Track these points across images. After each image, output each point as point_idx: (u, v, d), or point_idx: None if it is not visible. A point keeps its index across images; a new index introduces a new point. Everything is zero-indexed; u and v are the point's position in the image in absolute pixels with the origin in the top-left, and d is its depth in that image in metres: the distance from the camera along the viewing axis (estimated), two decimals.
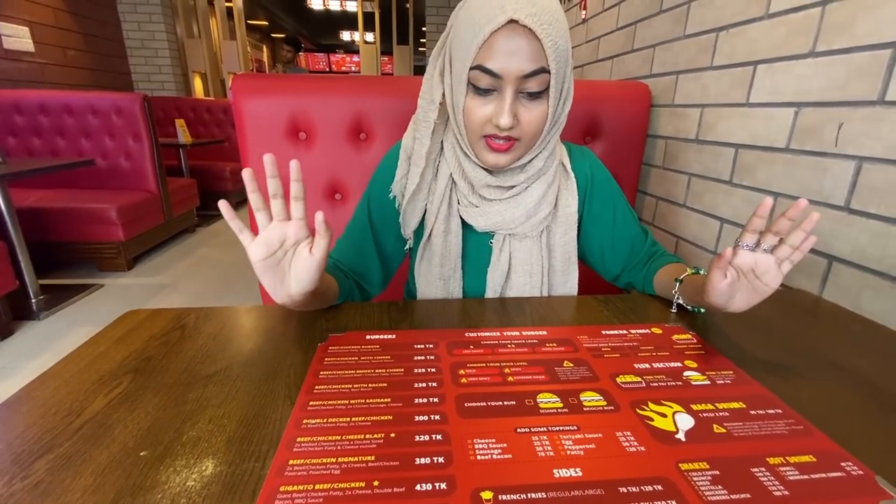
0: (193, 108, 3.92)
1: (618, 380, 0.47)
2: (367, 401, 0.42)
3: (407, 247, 0.73)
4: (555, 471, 0.34)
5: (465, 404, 0.42)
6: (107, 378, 0.46)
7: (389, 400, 0.43)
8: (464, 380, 0.46)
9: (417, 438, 0.38)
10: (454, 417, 0.40)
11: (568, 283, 0.71)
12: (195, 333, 0.55)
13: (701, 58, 1.00)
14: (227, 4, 5.46)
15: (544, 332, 0.56)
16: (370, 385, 0.45)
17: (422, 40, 7.22)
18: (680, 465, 0.35)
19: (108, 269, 2.41)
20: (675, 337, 0.56)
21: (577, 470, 0.35)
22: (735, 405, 0.43)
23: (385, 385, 0.45)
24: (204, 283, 2.34)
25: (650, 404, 0.43)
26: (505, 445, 0.37)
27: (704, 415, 0.42)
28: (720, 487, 0.33)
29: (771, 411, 0.42)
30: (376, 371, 0.47)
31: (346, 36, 12.96)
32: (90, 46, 3.92)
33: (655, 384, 0.46)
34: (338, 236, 0.74)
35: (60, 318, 1.91)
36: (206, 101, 3.99)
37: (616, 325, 0.59)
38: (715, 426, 0.40)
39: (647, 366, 0.49)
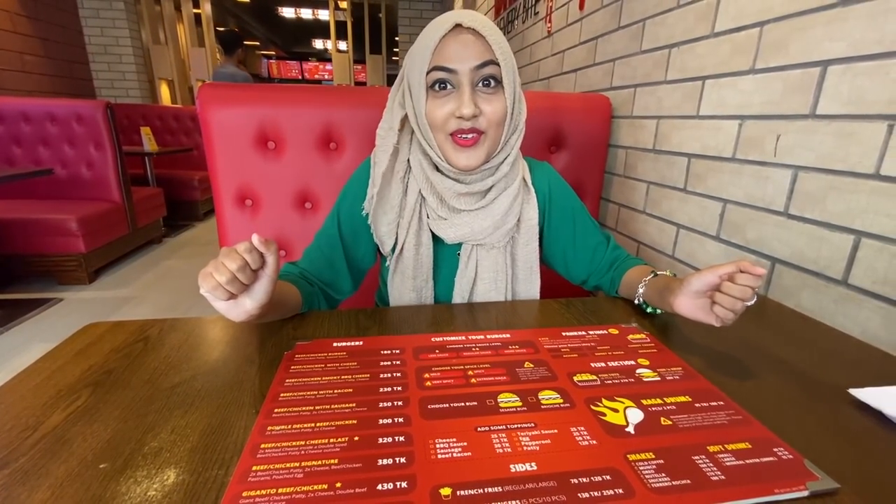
0: (160, 115, 3.82)
1: (575, 378, 0.49)
2: (332, 406, 0.43)
3: (387, 263, 0.74)
4: (511, 466, 0.36)
5: (429, 406, 0.44)
6: (65, 392, 0.45)
7: (354, 405, 0.44)
8: (428, 383, 0.48)
9: (381, 441, 0.39)
10: (417, 419, 0.42)
11: (530, 290, 0.75)
12: (158, 345, 0.55)
13: (656, 72, 1.05)
14: (195, 11, 5.36)
15: (508, 335, 0.58)
16: (335, 391, 0.46)
17: (395, 49, 7.27)
18: (628, 455, 0.38)
19: (68, 283, 2.32)
20: (630, 337, 0.59)
21: (533, 464, 0.36)
22: (681, 399, 0.46)
23: (350, 391, 0.46)
24: (170, 295, 2.28)
25: (604, 401, 0.45)
26: (465, 444, 0.39)
27: (653, 409, 0.44)
28: (663, 475, 0.36)
29: (714, 403, 0.45)
30: (342, 377, 0.48)
31: (318, 44, 12.90)
32: (49, 52, 3.79)
33: (609, 382, 0.49)
34: (307, 245, 0.75)
35: (16, 335, 1.82)
36: (174, 109, 3.90)
37: (576, 326, 0.62)
38: (662, 419, 0.43)
39: (603, 364, 0.52)
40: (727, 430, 0.41)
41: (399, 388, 0.46)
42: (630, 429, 0.41)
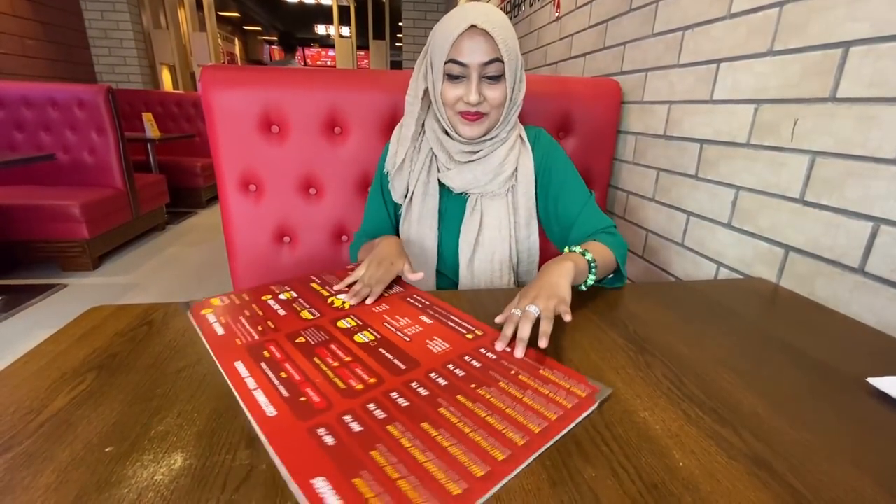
0: (162, 101, 3.79)
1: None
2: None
3: (400, 211, 0.87)
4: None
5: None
6: (69, 375, 0.44)
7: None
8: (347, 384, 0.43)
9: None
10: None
11: (530, 236, 0.85)
12: (163, 329, 0.54)
13: (668, 56, 1.03)
14: None
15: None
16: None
17: (398, 35, 7.16)
18: None
19: (72, 269, 2.32)
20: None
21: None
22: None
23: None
24: (174, 282, 2.28)
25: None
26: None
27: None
28: None
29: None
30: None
31: (321, 30, 12.73)
32: (49, 36, 3.75)
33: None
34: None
35: (20, 321, 1.83)
36: (176, 95, 3.87)
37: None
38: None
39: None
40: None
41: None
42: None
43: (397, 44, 7.90)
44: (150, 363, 0.47)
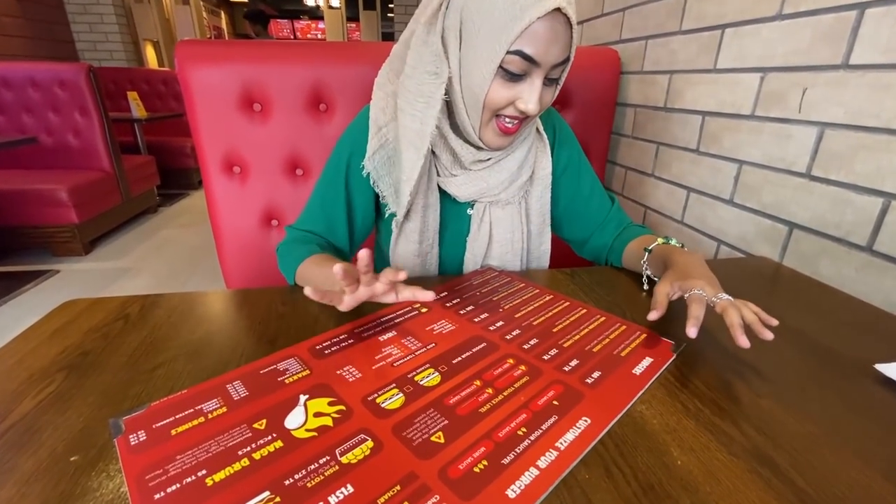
0: (147, 79, 3.68)
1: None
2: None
3: (394, 224, 0.67)
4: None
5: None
6: (37, 377, 0.42)
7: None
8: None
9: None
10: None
11: (542, 245, 0.73)
12: (139, 324, 0.52)
13: (670, 22, 0.97)
14: None
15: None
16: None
17: (390, 5, 6.91)
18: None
19: (64, 254, 2.29)
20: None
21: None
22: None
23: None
24: (168, 265, 2.25)
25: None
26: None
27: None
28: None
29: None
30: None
31: (310, 1, 12.29)
32: (27, 12, 3.60)
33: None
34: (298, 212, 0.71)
35: (12, 308, 1.81)
36: (162, 72, 3.76)
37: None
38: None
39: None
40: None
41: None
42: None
43: (389, 14, 7.64)
44: (124, 361, 0.45)
